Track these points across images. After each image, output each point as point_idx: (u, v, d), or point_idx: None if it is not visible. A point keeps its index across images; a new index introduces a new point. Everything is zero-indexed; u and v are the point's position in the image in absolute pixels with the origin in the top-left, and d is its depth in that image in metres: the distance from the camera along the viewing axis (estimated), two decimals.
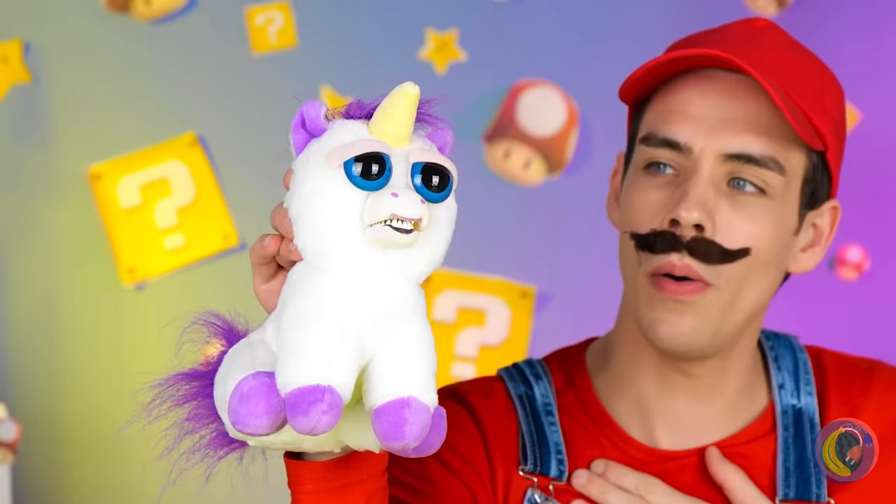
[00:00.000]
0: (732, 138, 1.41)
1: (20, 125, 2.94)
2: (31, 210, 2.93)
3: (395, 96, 1.12)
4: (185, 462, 1.18)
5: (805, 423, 1.48)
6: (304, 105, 1.16)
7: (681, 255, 1.40)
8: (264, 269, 1.21)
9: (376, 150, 1.10)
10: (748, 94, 1.42)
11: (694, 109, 1.43)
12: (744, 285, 1.42)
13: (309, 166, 1.13)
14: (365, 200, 1.10)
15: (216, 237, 2.97)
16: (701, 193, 1.39)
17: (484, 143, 2.98)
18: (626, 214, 1.46)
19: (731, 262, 1.41)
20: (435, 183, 1.12)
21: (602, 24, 2.98)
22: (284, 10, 2.97)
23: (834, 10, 2.96)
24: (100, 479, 2.93)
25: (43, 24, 2.94)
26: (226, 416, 1.13)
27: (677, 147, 1.42)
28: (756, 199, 1.41)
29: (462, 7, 2.98)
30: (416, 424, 1.10)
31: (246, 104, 2.95)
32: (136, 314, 2.93)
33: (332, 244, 1.11)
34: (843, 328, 2.90)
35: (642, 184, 1.44)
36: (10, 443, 2.72)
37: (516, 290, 2.97)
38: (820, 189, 1.47)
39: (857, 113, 2.94)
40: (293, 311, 1.11)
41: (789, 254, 1.46)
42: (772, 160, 1.41)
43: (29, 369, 2.94)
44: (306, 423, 1.07)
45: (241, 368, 1.12)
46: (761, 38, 1.48)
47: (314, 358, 1.08)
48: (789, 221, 1.45)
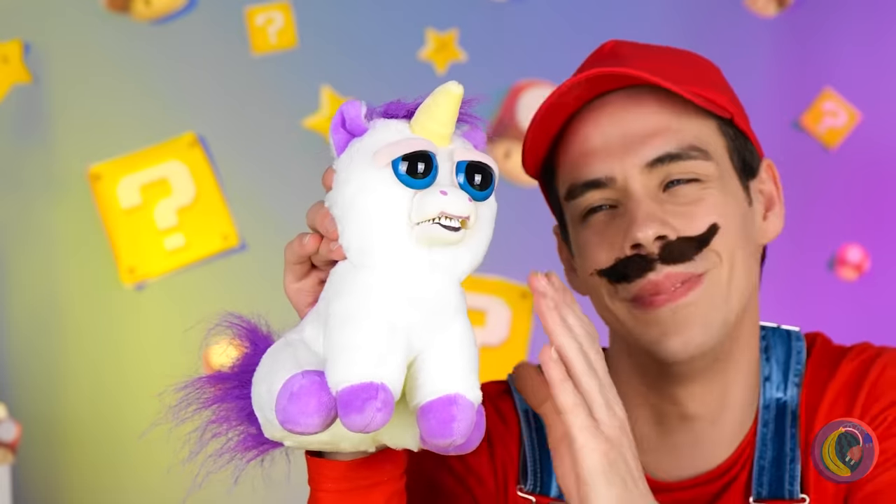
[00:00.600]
0: (644, 148, 1.39)
1: (20, 125, 2.94)
2: (31, 210, 2.93)
3: (438, 95, 1.12)
4: (212, 465, 1.18)
5: (787, 416, 1.45)
6: (345, 104, 1.15)
7: (657, 271, 1.38)
8: (298, 268, 1.20)
9: (423, 149, 1.10)
10: (636, 105, 1.41)
11: (595, 142, 1.41)
12: (733, 258, 1.40)
13: (353, 165, 1.12)
14: (412, 199, 1.10)
15: (216, 237, 2.97)
16: (645, 209, 1.37)
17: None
18: (584, 259, 1.44)
19: (709, 245, 1.39)
20: (478, 181, 1.13)
21: (602, 24, 2.98)
22: (284, 10, 2.97)
23: (834, 10, 2.96)
24: (99, 478, 2.93)
25: (43, 24, 2.94)
26: (265, 416, 1.13)
27: (601, 184, 1.41)
28: (695, 187, 1.40)
29: (462, 7, 2.98)
30: (464, 422, 1.10)
31: (246, 104, 2.95)
32: (136, 314, 2.93)
33: (378, 242, 1.11)
34: (843, 328, 2.89)
35: (587, 229, 1.43)
36: (11, 443, 2.72)
37: (516, 291, 2.97)
38: (749, 157, 1.46)
39: (857, 113, 2.94)
40: (340, 310, 1.11)
41: (754, 227, 1.45)
42: (692, 148, 1.40)
43: (29, 370, 2.94)
44: (360, 420, 1.06)
45: (287, 367, 1.12)
46: (616, 52, 1.47)
47: (365, 355, 1.08)
48: (738, 195, 1.43)
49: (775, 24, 2.94)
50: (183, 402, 1.18)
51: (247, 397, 1.17)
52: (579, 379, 1.22)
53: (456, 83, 1.11)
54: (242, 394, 1.18)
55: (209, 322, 1.19)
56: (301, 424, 1.09)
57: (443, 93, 1.12)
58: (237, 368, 1.19)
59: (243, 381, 1.18)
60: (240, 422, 1.18)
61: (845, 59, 2.95)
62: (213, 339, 1.19)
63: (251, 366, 1.18)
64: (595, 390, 1.22)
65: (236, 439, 1.18)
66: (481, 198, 1.13)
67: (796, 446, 1.44)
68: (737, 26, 2.96)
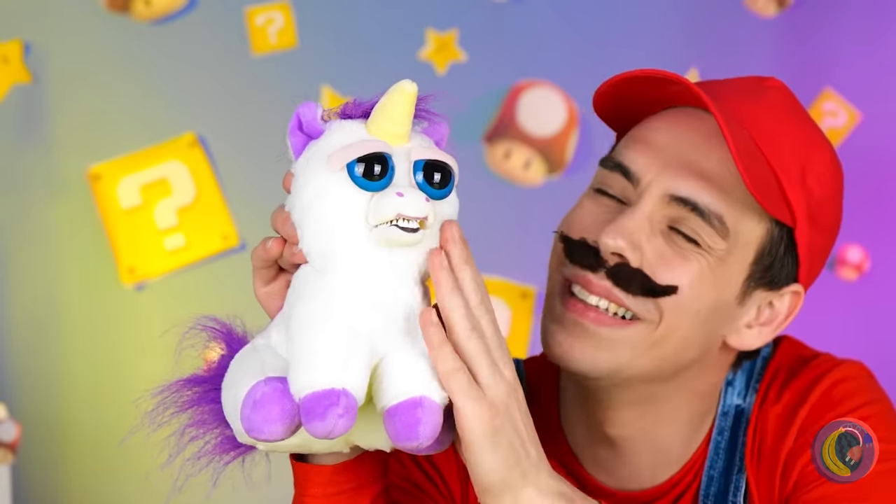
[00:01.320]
0: (682, 180, 1.33)
1: (20, 125, 2.94)
2: (31, 210, 2.93)
3: (392, 94, 1.11)
4: (191, 468, 1.18)
5: (742, 423, 1.43)
6: (300, 107, 1.15)
7: (599, 275, 1.33)
8: (265, 272, 1.20)
9: (378, 151, 1.10)
10: (721, 143, 1.32)
11: (658, 139, 1.36)
12: (672, 327, 1.33)
13: (310, 169, 1.12)
14: (369, 201, 1.10)
15: (216, 237, 2.97)
16: (632, 225, 1.32)
17: (484, 143, 2.98)
18: (566, 218, 1.41)
19: (655, 298, 1.32)
20: (437, 180, 1.12)
21: (602, 24, 2.98)
22: (284, 10, 2.97)
23: (834, 10, 2.96)
24: (99, 478, 2.93)
25: (43, 25, 2.94)
26: (236, 422, 1.13)
27: (628, 174, 1.36)
28: (693, 252, 1.33)
29: (462, 7, 2.98)
30: (429, 424, 1.10)
31: (246, 104, 2.95)
32: (136, 314, 2.93)
33: (337, 246, 1.10)
34: (843, 328, 2.90)
35: (589, 200, 1.40)
36: (11, 443, 2.72)
37: (516, 291, 2.97)
38: (779, 267, 1.36)
39: (857, 113, 2.94)
40: (301, 315, 1.10)
41: (729, 322, 1.37)
42: (717, 217, 1.32)
43: (29, 370, 2.94)
44: (323, 427, 1.06)
45: (251, 374, 1.12)
46: (764, 95, 1.38)
47: (327, 360, 1.08)
48: (729, 285, 1.35)
49: (775, 24, 2.94)
50: (160, 407, 1.18)
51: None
52: (460, 342, 1.15)
53: (410, 81, 1.11)
54: (218, 397, 1.17)
55: (184, 326, 1.19)
56: (265, 433, 1.09)
57: (397, 91, 1.11)
58: (213, 371, 1.19)
59: (219, 385, 1.18)
60: (216, 425, 1.18)
61: (845, 60, 2.95)
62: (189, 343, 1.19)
63: (226, 369, 1.18)
64: (479, 352, 1.15)
65: (214, 442, 1.18)
66: (440, 196, 1.12)
67: (744, 455, 1.42)
68: (737, 26, 2.96)
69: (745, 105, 1.35)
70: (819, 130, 1.41)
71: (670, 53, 2.97)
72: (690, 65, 2.96)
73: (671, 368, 1.37)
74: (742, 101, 1.36)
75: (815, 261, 1.39)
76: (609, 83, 1.39)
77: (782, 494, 1.38)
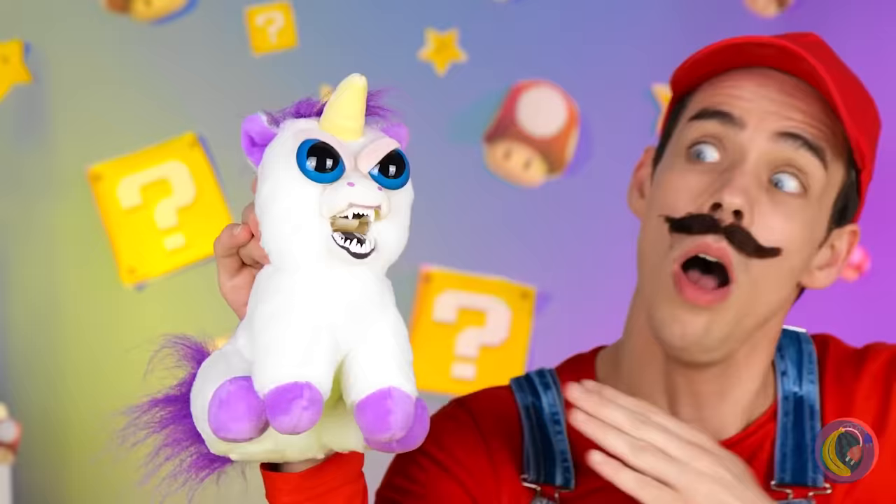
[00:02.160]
0: (786, 120, 1.40)
1: (20, 125, 2.94)
2: (31, 210, 2.93)
3: (342, 89, 1.11)
4: (168, 487, 1.18)
5: (805, 410, 1.47)
6: (244, 124, 1.16)
7: (717, 237, 1.38)
8: (229, 263, 1.20)
9: (326, 142, 1.10)
10: (804, 96, 1.41)
11: (747, 94, 1.42)
12: (765, 287, 1.40)
13: (265, 168, 1.13)
14: (322, 193, 1.09)
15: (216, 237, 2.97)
16: (746, 182, 1.38)
17: (484, 143, 2.98)
18: (661, 198, 1.43)
19: (762, 259, 1.39)
20: (392, 172, 1.11)
21: (602, 24, 2.98)
22: (284, 10, 2.97)
23: (834, 10, 2.96)
24: (99, 478, 2.93)
25: (43, 25, 2.94)
26: (206, 429, 1.13)
27: (731, 120, 1.40)
28: (796, 200, 1.40)
29: (462, 7, 2.98)
30: (400, 413, 1.09)
31: (246, 104, 2.95)
32: (137, 314, 2.93)
33: (293, 241, 1.10)
34: (843, 328, 2.89)
35: (682, 168, 1.42)
36: (11, 443, 2.72)
37: (517, 291, 2.97)
38: (850, 208, 1.47)
39: None
40: (264, 313, 1.10)
41: (806, 267, 1.45)
42: (821, 150, 1.40)
43: (29, 369, 2.94)
44: (288, 421, 1.06)
45: (217, 378, 1.12)
46: (817, 48, 1.45)
47: (289, 355, 1.07)
48: (819, 230, 1.44)
49: (775, 24, 2.93)
50: (132, 427, 1.18)
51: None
52: (633, 463, 1.28)
53: (359, 75, 1.11)
54: (190, 414, 1.17)
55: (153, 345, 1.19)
56: (233, 431, 1.08)
57: (346, 86, 1.11)
58: (184, 390, 1.18)
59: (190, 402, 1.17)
60: (190, 442, 1.17)
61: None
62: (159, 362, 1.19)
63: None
64: (652, 461, 1.29)
65: (189, 460, 1.18)
66: (396, 186, 1.11)
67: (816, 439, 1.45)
68: (737, 26, 2.96)
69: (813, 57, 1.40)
70: (861, 81, 1.49)
71: (670, 53, 2.96)
72: None
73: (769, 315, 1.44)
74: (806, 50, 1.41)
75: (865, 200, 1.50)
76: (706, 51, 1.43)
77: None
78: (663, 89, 2.96)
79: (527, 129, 2.98)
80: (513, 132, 2.98)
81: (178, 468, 1.17)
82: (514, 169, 2.99)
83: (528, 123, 2.98)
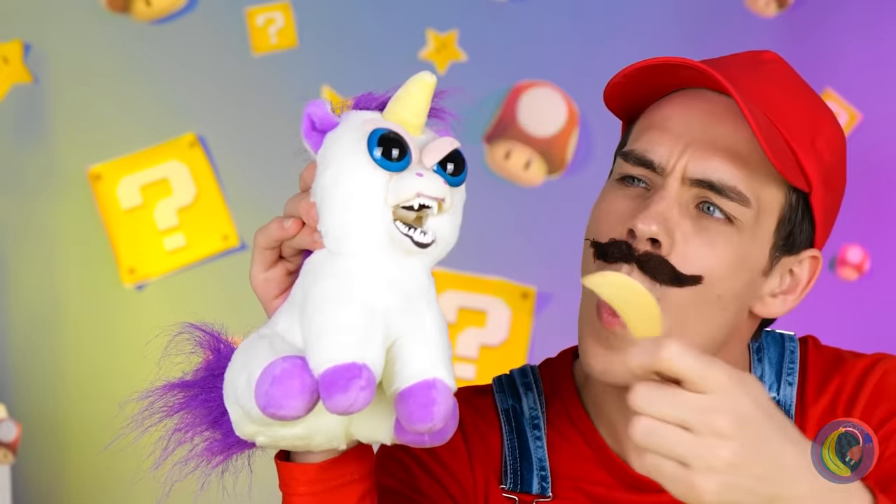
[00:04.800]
0: (701, 162, 1.35)
1: (20, 125, 2.94)
2: (31, 210, 2.93)
3: (411, 84, 1.12)
4: (179, 472, 1.18)
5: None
6: (308, 106, 1.16)
7: (630, 267, 1.34)
8: (268, 255, 1.20)
9: (396, 132, 1.10)
10: (734, 119, 1.36)
11: (674, 126, 1.37)
12: (690, 316, 1.35)
13: (330, 152, 1.13)
14: (388, 181, 1.10)
15: (216, 237, 2.97)
16: (663, 208, 1.34)
17: (484, 143, 2.98)
18: (592, 223, 1.42)
19: (680, 287, 1.34)
20: (451, 169, 1.12)
21: (602, 24, 2.99)
22: (285, 10, 2.97)
23: (834, 10, 2.96)
24: (99, 478, 2.93)
25: (43, 25, 2.94)
26: (243, 407, 1.12)
27: (651, 167, 1.37)
28: (722, 228, 1.35)
29: (462, 7, 2.98)
30: (443, 405, 1.10)
31: (246, 104, 2.95)
32: (137, 314, 2.93)
33: (355, 226, 1.11)
34: (843, 328, 2.90)
35: (613, 194, 1.41)
36: (11, 443, 2.72)
37: (517, 291, 2.97)
38: (798, 233, 1.39)
39: (857, 113, 2.94)
40: (319, 293, 1.10)
41: (754, 294, 1.39)
42: (733, 191, 1.34)
43: (29, 369, 2.94)
44: (344, 400, 1.06)
45: (264, 356, 1.11)
46: (764, 68, 1.42)
47: (347, 336, 1.08)
48: (757, 259, 1.38)
49: (775, 24, 2.94)
50: (147, 411, 1.18)
51: (210, 402, 1.17)
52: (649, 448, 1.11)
53: (429, 73, 1.12)
54: (207, 398, 1.17)
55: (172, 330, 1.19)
56: (285, 407, 1.08)
57: (416, 82, 1.12)
58: (200, 375, 1.18)
59: (205, 388, 1.18)
60: (203, 428, 1.18)
61: (846, 60, 2.95)
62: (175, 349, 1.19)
63: (214, 371, 1.18)
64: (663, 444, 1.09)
65: (201, 446, 1.18)
66: (455, 183, 1.12)
67: None
68: (737, 26, 2.96)
69: (750, 80, 1.38)
70: (819, 98, 1.45)
71: (670, 53, 2.97)
72: None
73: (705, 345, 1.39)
74: (747, 77, 1.38)
75: (829, 223, 1.43)
76: (623, 73, 1.41)
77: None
78: None
79: (527, 130, 2.99)
80: (513, 132, 2.99)
81: (190, 453, 1.17)
82: (515, 169, 2.99)
83: (529, 123, 2.98)
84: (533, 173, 2.98)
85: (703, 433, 1.06)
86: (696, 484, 1.06)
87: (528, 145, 2.98)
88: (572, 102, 2.98)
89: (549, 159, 2.99)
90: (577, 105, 2.98)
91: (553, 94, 2.99)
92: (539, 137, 2.99)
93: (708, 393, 1.07)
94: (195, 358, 1.19)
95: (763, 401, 1.09)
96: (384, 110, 1.14)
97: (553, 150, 2.99)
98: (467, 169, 1.13)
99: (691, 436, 1.06)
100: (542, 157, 2.99)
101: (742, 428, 1.07)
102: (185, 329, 1.19)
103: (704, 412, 1.06)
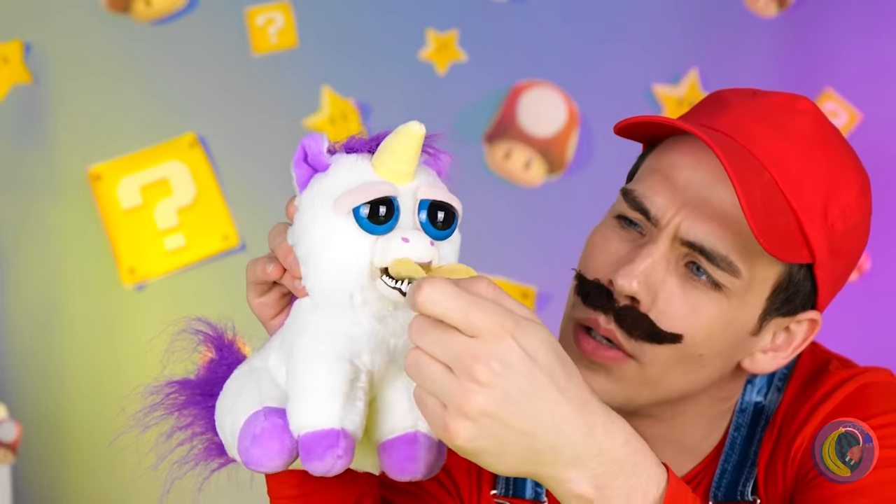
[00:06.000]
0: (695, 224, 1.32)
1: (20, 125, 2.94)
2: (31, 210, 2.93)
3: (400, 134, 1.11)
4: (179, 471, 1.18)
5: (761, 420, 1.44)
6: (306, 139, 1.15)
7: (608, 318, 1.33)
8: (259, 287, 1.20)
9: (384, 195, 1.10)
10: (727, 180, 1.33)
11: (678, 178, 1.34)
12: (670, 371, 1.34)
13: (316, 208, 1.12)
14: (375, 244, 1.09)
15: (216, 238, 2.97)
16: (647, 266, 1.32)
17: (484, 143, 2.98)
18: (584, 254, 1.41)
19: (658, 344, 1.32)
20: (441, 219, 1.12)
21: (602, 24, 2.98)
22: (285, 10, 2.97)
23: (834, 10, 2.96)
24: (99, 478, 2.93)
25: (43, 25, 2.94)
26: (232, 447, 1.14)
27: (647, 216, 1.35)
28: (709, 292, 1.33)
29: (462, 8, 2.98)
30: (422, 460, 1.11)
31: (246, 104, 2.95)
32: (137, 314, 2.94)
33: (343, 288, 1.10)
34: (843, 328, 2.90)
35: (609, 230, 1.39)
36: (11, 443, 2.72)
37: (517, 291, 2.97)
38: (797, 297, 1.37)
39: (857, 113, 2.94)
40: (303, 351, 1.11)
41: (743, 350, 1.38)
42: (724, 260, 1.32)
43: (29, 369, 2.94)
44: (321, 466, 1.07)
45: (249, 401, 1.12)
46: (792, 122, 1.36)
47: (328, 401, 1.08)
48: (744, 323, 1.35)
49: (775, 24, 2.94)
50: (149, 409, 1.19)
51: (210, 406, 1.18)
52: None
53: (418, 123, 1.10)
54: (207, 402, 1.18)
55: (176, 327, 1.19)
56: (265, 466, 1.10)
57: (404, 133, 1.11)
58: (203, 376, 1.19)
59: (206, 391, 1.18)
60: (204, 430, 1.19)
61: (845, 60, 2.95)
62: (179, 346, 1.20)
63: (215, 371, 1.19)
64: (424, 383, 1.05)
65: (201, 447, 1.19)
66: (443, 237, 1.12)
67: (759, 449, 1.43)
68: (737, 26, 2.96)
69: (770, 139, 1.34)
70: (848, 153, 1.40)
71: (670, 53, 2.97)
72: (691, 65, 2.96)
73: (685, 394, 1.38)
74: (768, 134, 1.34)
75: (836, 287, 1.41)
76: (625, 123, 1.37)
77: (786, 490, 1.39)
78: (663, 89, 2.96)
79: (527, 130, 2.98)
80: (513, 132, 2.98)
81: (189, 454, 1.18)
82: (515, 169, 2.99)
83: (529, 123, 2.98)
84: (533, 173, 2.98)
85: (462, 377, 1.01)
86: (449, 426, 1.02)
87: (528, 145, 2.98)
88: (572, 102, 2.98)
89: (549, 159, 2.99)
90: (577, 105, 2.98)
91: (553, 94, 2.99)
92: (539, 137, 2.99)
93: (477, 338, 1.01)
94: (197, 356, 1.19)
95: (540, 353, 1.03)
96: (374, 157, 1.13)
97: (553, 150, 2.99)
98: (458, 218, 1.12)
99: (452, 378, 1.01)
100: (542, 157, 2.99)
101: (503, 377, 1.01)
102: (189, 324, 1.20)
103: (465, 357, 1.01)
